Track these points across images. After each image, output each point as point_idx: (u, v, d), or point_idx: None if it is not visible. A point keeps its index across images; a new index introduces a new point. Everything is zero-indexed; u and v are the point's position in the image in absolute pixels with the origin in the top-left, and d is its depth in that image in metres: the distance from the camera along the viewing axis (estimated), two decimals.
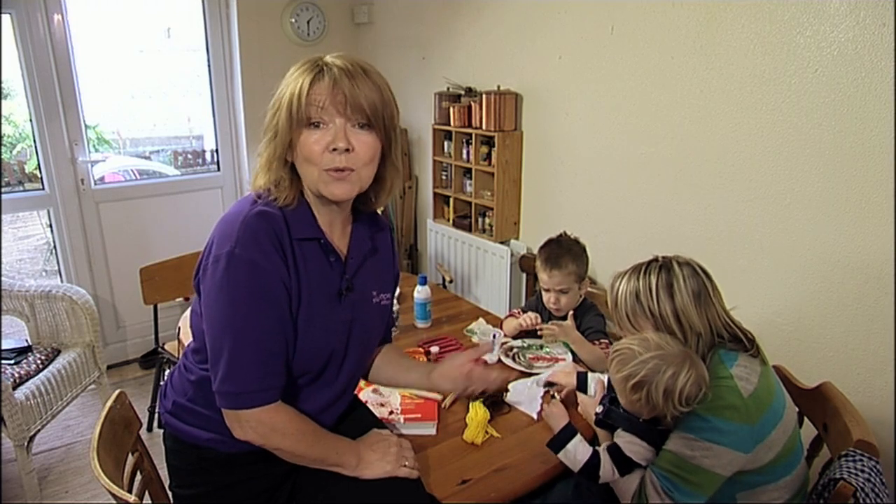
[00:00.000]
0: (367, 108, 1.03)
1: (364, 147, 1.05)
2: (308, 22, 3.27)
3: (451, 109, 2.76)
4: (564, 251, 1.90)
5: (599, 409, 1.39)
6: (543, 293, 1.96)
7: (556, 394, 1.51)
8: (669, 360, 1.20)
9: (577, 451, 1.30)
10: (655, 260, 1.32)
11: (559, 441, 1.33)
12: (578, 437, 1.33)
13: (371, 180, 1.11)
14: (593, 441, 1.40)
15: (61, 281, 3.01)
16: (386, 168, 1.14)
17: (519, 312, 2.05)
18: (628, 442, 1.29)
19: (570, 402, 1.55)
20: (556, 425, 1.38)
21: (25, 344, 2.43)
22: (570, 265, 1.87)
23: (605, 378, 1.50)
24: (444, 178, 3.00)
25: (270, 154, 1.08)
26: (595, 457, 1.30)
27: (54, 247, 3.03)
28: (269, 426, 1.06)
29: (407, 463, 1.23)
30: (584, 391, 1.51)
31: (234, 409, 1.05)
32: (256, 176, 1.11)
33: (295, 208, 1.09)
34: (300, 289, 1.08)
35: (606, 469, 1.29)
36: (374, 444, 1.22)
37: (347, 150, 1.03)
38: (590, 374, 1.53)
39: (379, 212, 1.27)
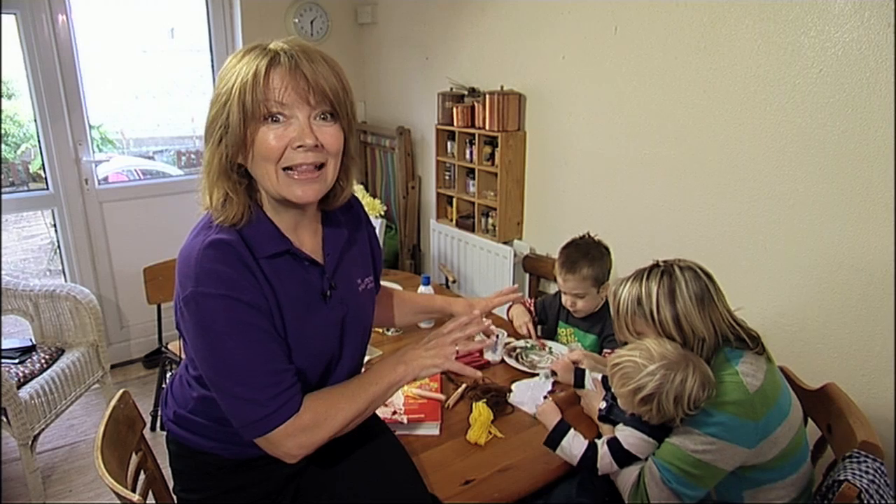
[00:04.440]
0: (331, 94, 0.94)
1: (331, 140, 0.97)
2: (311, 22, 3.27)
3: (455, 109, 2.75)
4: (581, 255, 1.86)
5: (603, 405, 1.41)
6: (562, 294, 1.95)
7: (548, 396, 1.52)
8: (675, 368, 1.20)
9: (572, 446, 1.33)
10: (657, 265, 1.31)
11: (554, 438, 1.35)
12: (572, 431, 1.35)
13: (337, 175, 1.04)
14: (597, 437, 1.41)
15: (65, 280, 3.02)
16: (347, 159, 1.05)
17: (531, 303, 2.09)
18: (628, 436, 1.31)
19: (572, 403, 1.56)
20: (549, 422, 1.40)
21: (30, 343, 2.44)
22: (584, 269, 1.83)
23: (599, 377, 1.52)
24: (447, 178, 3.00)
25: (217, 162, 0.97)
26: (590, 449, 1.32)
27: (58, 246, 3.04)
28: (300, 429, 1.01)
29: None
30: (582, 386, 1.54)
31: (260, 436, 1.00)
32: (204, 192, 1.00)
33: (254, 224, 1.01)
34: (279, 304, 1.02)
35: (605, 462, 1.30)
36: (422, 343, 1.16)
37: (316, 146, 0.95)
38: (587, 372, 1.55)
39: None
